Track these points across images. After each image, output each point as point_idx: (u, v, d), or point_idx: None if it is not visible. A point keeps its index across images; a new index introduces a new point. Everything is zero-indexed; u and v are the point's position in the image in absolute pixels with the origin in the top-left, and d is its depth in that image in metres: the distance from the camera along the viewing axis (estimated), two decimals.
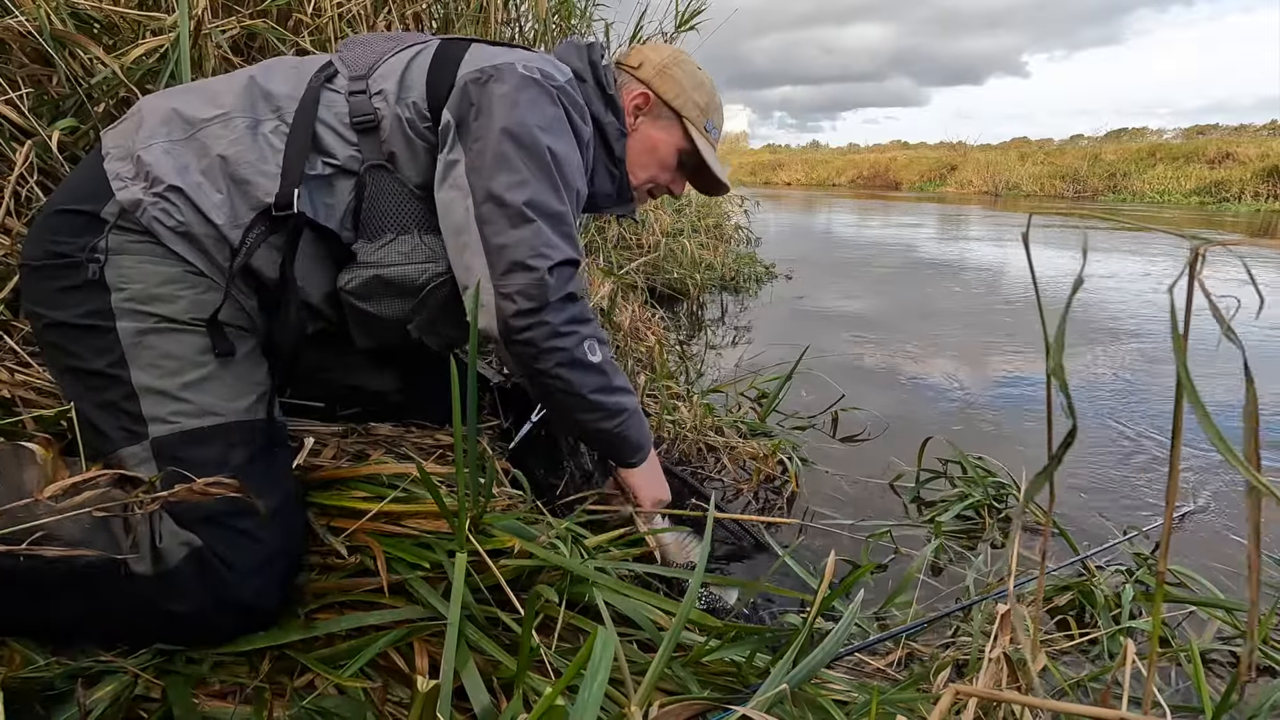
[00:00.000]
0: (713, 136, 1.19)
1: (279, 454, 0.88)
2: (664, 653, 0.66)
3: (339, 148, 0.93)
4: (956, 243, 7.28)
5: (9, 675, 0.68)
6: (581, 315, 0.95)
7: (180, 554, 0.75)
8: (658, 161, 1.18)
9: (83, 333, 0.82)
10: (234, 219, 0.87)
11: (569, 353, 0.94)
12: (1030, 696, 0.44)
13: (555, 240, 0.92)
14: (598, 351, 0.97)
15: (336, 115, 0.93)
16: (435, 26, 2.01)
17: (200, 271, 0.87)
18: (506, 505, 1.01)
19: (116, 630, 0.76)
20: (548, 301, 0.90)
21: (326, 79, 0.95)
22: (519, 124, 0.92)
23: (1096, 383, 2.65)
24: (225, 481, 0.65)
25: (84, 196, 0.86)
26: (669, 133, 1.17)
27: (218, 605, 0.76)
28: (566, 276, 0.93)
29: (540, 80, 0.96)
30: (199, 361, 0.84)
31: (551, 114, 0.96)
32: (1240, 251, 0.59)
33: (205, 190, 0.86)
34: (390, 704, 0.74)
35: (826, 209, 12.28)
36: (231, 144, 0.88)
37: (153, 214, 0.84)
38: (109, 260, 0.83)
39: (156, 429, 0.80)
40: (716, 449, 1.76)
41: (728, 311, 3.82)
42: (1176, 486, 0.40)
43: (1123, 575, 1.28)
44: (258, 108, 0.91)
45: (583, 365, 0.95)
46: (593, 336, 0.97)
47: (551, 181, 0.93)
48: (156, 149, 0.86)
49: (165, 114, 0.90)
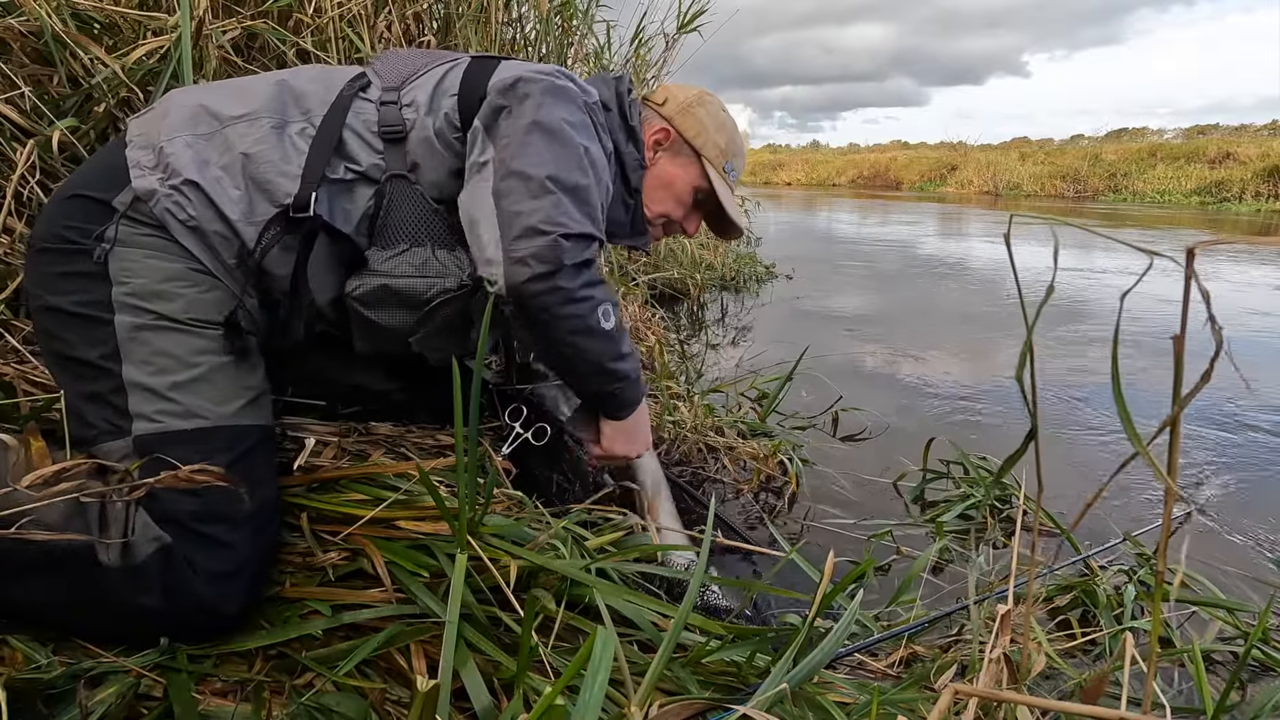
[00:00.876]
0: (731, 179, 1.19)
1: (262, 461, 0.87)
2: (664, 653, 0.66)
3: (364, 155, 0.94)
4: (956, 242, 7.28)
5: (11, 675, 0.68)
6: (596, 279, 0.94)
7: (149, 549, 0.76)
8: (673, 196, 1.18)
9: (79, 321, 0.82)
10: (249, 215, 0.88)
11: (584, 319, 0.92)
12: (1030, 696, 0.44)
13: (575, 213, 0.91)
14: (611, 317, 0.96)
15: (365, 123, 0.94)
16: (436, 27, 2.01)
17: (204, 270, 0.87)
18: (507, 506, 1.01)
19: (87, 620, 0.76)
20: (562, 265, 0.88)
21: (360, 88, 0.97)
22: (548, 117, 0.93)
23: (1099, 383, 2.65)
24: (210, 469, 0.66)
25: (100, 183, 0.86)
26: (686, 170, 1.17)
27: (180, 603, 0.76)
28: (583, 246, 0.91)
29: (571, 87, 0.98)
30: (191, 362, 0.84)
31: (580, 117, 0.97)
32: (1236, 250, 0.58)
33: (223, 185, 0.87)
34: (391, 704, 0.74)
35: (826, 209, 12.27)
36: (256, 143, 0.89)
37: (166, 205, 0.85)
38: (114, 250, 0.83)
39: (140, 426, 0.80)
40: (716, 449, 1.76)
41: (728, 311, 3.82)
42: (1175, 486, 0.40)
43: (1125, 575, 1.28)
44: (287, 110, 0.92)
45: (595, 333, 0.94)
46: (606, 300, 0.95)
47: (578, 162, 0.93)
48: (179, 142, 0.87)
49: (193, 109, 0.91)
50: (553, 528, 0.92)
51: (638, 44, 2.94)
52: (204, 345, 0.86)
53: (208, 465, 0.67)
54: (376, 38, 1.79)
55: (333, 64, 1.66)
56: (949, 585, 1.33)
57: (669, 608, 0.86)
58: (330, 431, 1.06)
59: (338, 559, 0.86)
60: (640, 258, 3.39)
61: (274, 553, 0.86)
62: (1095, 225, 8.41)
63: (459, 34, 1.98)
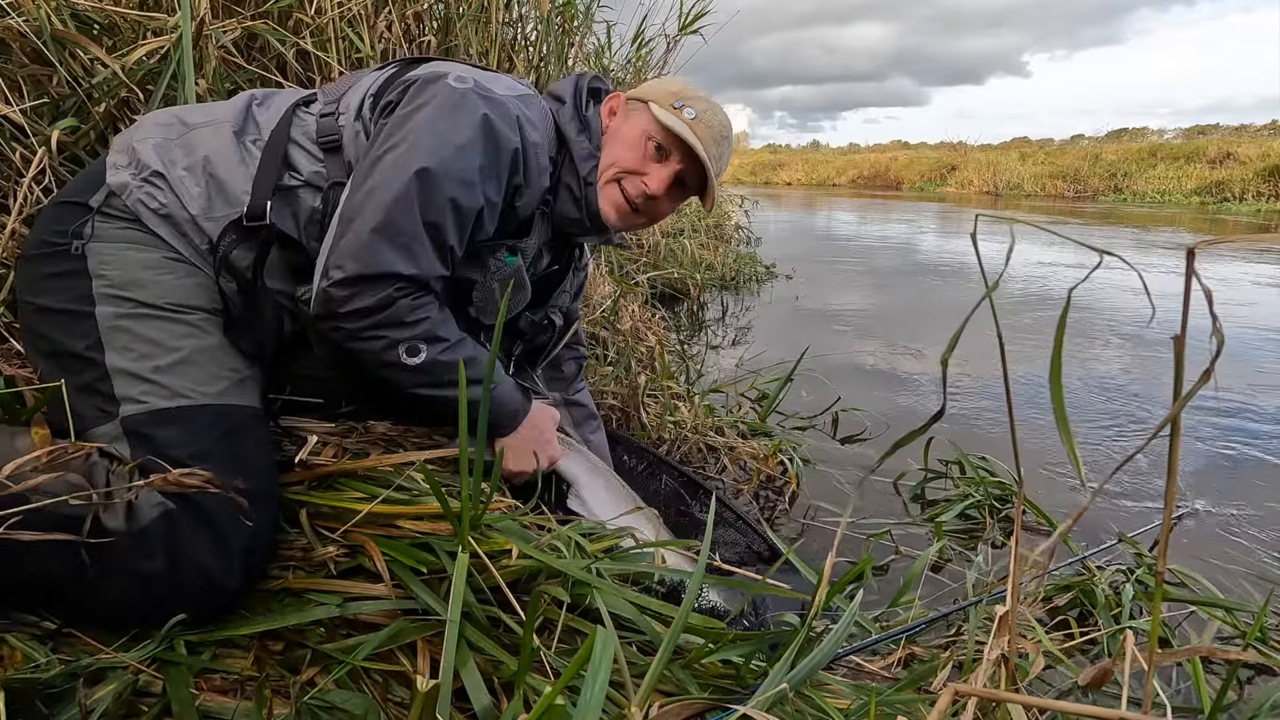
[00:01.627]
0: (687, 115, 1.09)
1: (251, 441, 0.89)
2: (664, 654, 0.66)
3: (305, 164, 0.97)
4: (956, 241, 7.28)
5: (10, 674, 0.68)
6: (391, 319, 0.90)
7: (153, 514, 0.77)
8: (621, 143, 1.10)
9: (65, 317, 0.86)
10: (208, 212, 0.92)
11: (377, 355, 0.91)
12: (1028, 696, 0.45)
13: (384, 255, 0.88)
14: (421, 352, 0.92)
15: (306, 134, 0.99)
16: (436, 26, 2.01)
17: (179, 256, 0.91)
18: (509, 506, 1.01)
19: (95, 593, 0.76)
20: (334, 313, 0.89)
21: (304, 103, 1.02)
22: (417, 129, 0.92)
23: (1102, 382, 2.65)
24: (199, 473, 0.69)
25: (80, 189, 0.92)
26: (635, 120, 1.11)
27: (183, 569, 0.77)
28: (379, 287, 0.88)
29: (467, 90, 0.95)
30: (173, 346, 0.87)
31: (468, 134, 0.93)
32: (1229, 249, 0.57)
33: (185, 183, 0.92)
34: (392, 704, 0.75)
35: (827, 209, 12.28)
36: (218, 146, 0.94)
37: (138, 196, 0.90)
38: (91, 245, 0.88)
39: (127, 408, 0.83)
40: (717, 449, 1.76)
41: (728, 311, 3.82)
42: (1175, 486, 0.41)
43: (1123, 574, 1.28)
44: (246, 122, 0.99)
45: (399, 367, 0.92)
46: (411, 339, 0.92)
47: (426, 192, 0.90)
48: (149, 143, 0.93)
49: (166, 117, 0.98)
50: (555, 532, 0.92)
51: (639, 44, 2.94)
52: (184, 330, 0.88)
53: (197, 469, 0.70)
54: (376, 37, 1.79)
55: (333, 64, 1.66)
56: (948, 585, 1.33)
57: (670, 609, 0.86)
58: (329, 430, 1.06)
59: (337, 554, 0.86)
60: (641, 257, 3.39)
61: (273, 532, 0.87)
62: (1045, 223, 8.41)
63: (459, 34, 1.98)
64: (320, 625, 0.81)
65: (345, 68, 1.68)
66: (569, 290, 1.31)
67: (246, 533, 0.81)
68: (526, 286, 1.12)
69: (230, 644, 0.80)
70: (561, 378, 1.37)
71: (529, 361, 1.32)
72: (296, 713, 0.71)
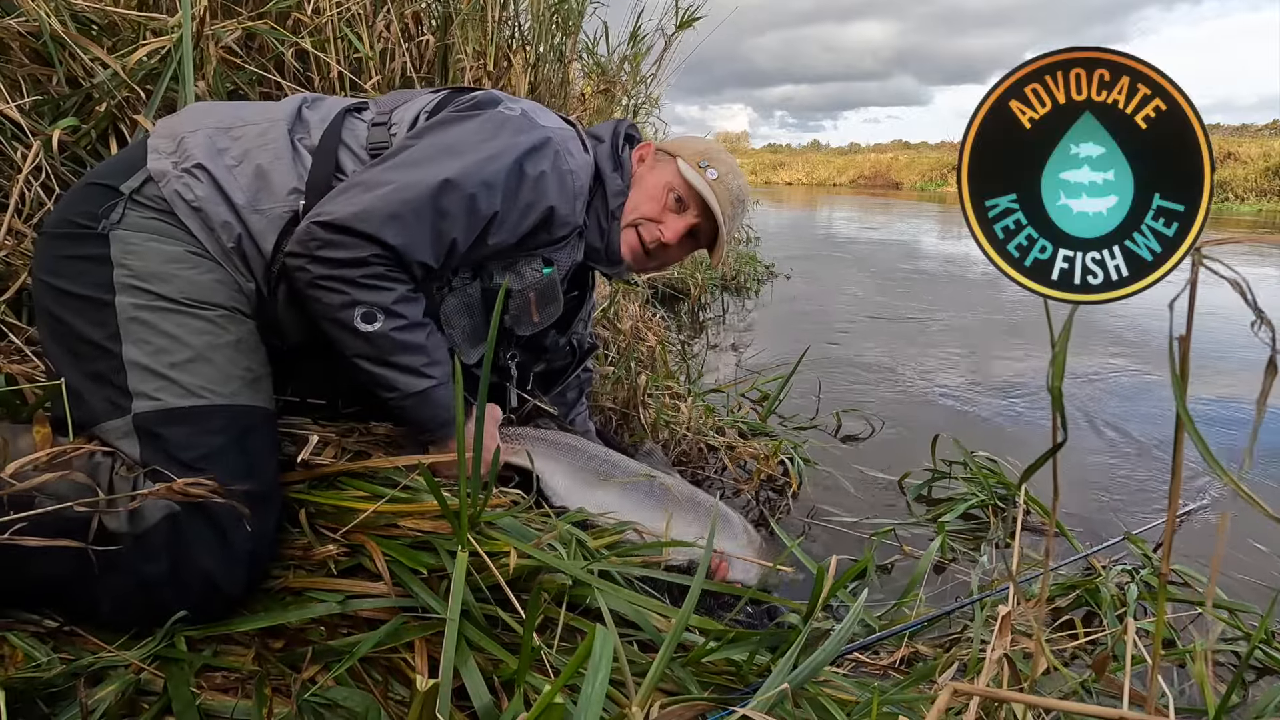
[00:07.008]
0: (710, 174, 1.17)
1: (261, 443, 0.88)
2: (665, 653, 0.66)
3: (353, 169, 0.99)
4: (956, 241, 7.27)
5: (11, 674, 0.68)
6: (358, 279, 0.90)
7: (157, 516, 0.77)
8: (644, 193, 1.18)
9: (82, 303, 0.85)
10: (254, 203, 0.93)
11: (332, 308, 0.91)
12: (1030, 695, 0.44)
13: (373, 211, 0.89)
14: (377, 320, 0.92)
15: (356, 139, 1.01)
16: (434, 25, 2.01)
17: (203, 253, 0.91)
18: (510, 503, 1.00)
19: (98, 595, 0.76)
20: (309, 252, 0.89)
21: (355, 109, 1.05)
22: (453, 130, 0.98)
23: (1106, 381, 2.64)
24: (204, 482, 0.69)
25: (114, 172, 0.91)
26: (660, 171, 1.19)
27: (186, 573, 0.77)
28: (359, 244, 0.89)
29: (514, 115, 1.02)
30: (190, 343, 0.86)
31: (503, 137, 0.98)
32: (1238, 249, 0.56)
33: (234, 174, 0.93)
34: (392, 702, 0.74)
35: (827, 209, 12.27)
36: (271, 141, 0.96)
37: (175, 186, 0.90)
38: (117, 232, 0.87)
39: (140, 404, 0.82)
40: (717, 449, 1.75)
41: (728, 311, 3.82)
42: (1179, 486, 0.40)
43: (1128, 574, 1.28)
44: (297, 126, 1.00)
45: (346, 328, 0.92)
46: (371, 305, 0.91)
47: (443, 185, 0.92)
48: (200, 134, 0.94)
49: (220, 111, 1.00)
50: (556, 529, 0.91)
51: (634, 41, 2.94)
52: (202, 325, 0.88)
53: (203, 479, 0.70)
54: (375, 37, 1.78)
55: (331, 64, 1.66)
56: (952, 583, 1.32)
57: (670, 609, 0.86)
58: (331, 431, 1.06)
59: (337, 553, 0.86)
60: None
61: (276, 534, 0.86)
62: None
63: (457, 33, 1.98)
64: (320, 623, 0.81)
65: (344, 68, 1.68)
66: (584, 319, 1.36)
67: (251, 537, 0.80)
68: (560, 299, 1.15)
69: (231, 641, 0.80)
70: (564, 403, 1.39)
71: (542, 385, 1.33)
72: (297, 710, 0.70)
